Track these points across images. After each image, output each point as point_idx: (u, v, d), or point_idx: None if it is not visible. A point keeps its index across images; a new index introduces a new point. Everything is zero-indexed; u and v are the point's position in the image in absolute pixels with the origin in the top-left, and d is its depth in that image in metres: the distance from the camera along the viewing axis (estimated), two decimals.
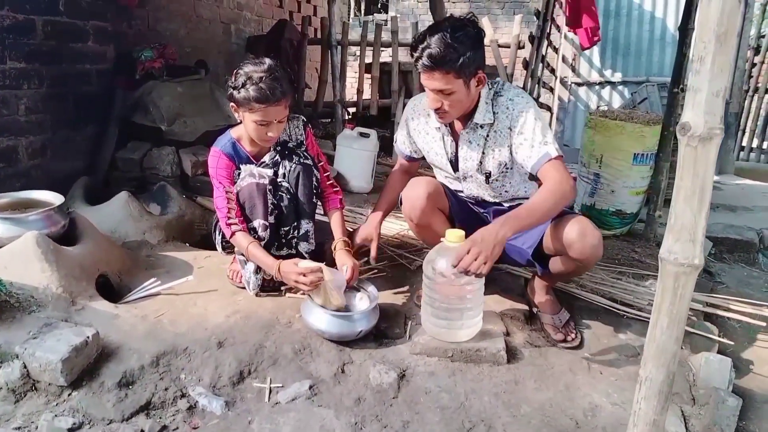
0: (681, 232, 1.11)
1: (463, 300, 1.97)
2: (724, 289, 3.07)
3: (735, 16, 1.03)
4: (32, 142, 3.17)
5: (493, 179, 2.14)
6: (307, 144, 2.36)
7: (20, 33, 3.01)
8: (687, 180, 1.10)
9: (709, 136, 1.06)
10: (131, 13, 3.94)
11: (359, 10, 15.85)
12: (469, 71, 1.89)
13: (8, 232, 2.11)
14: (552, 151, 1.93)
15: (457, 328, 2.00)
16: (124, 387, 1.70)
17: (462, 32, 1.87)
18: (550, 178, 1.92)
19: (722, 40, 1.03)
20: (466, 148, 2.12)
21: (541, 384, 1.92)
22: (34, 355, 1.63)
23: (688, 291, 1.14)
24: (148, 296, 2.20)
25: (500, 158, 2.08)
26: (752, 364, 2.32)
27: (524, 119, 1.97)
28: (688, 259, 1.11)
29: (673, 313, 1.14)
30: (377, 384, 1.83)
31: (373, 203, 3.74)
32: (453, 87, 1.89)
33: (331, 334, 1.99)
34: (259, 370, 1.86)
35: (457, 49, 1.84)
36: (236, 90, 2.06)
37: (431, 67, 1.86)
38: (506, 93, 2.04)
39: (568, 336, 2.18)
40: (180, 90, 3.73)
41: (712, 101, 1.05)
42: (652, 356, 1.17)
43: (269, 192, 2.19)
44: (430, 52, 1.85)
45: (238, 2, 5.65)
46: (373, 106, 5.81)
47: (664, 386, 1.17)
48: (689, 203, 1.10)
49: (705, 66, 1.05)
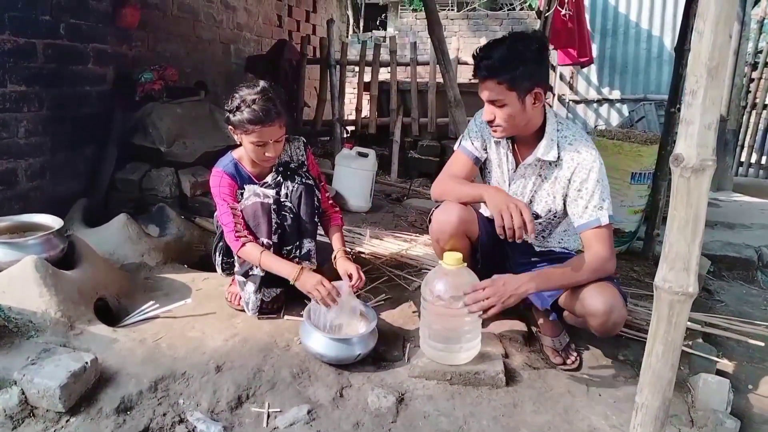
0: (675, 261, 1.13)
1: (461, 323, 1.98)
2: (723, 307, 3.08)
3: (726, 50, 1.05)
4: (31, 164, 3.20)
5: (538, 223, 2.11)
6: (308, 164, 2.39)
7: (21, 56, 3.06)
8: (681, 210, 1.12)
9: (701, 168, 1.08)
10: (131, 34, 3.99)
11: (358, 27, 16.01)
12: (524, 85, 1.86)
13: (7, 256, 2.12)
14: (604, 218, 1.90)
15: (456, 351, 2.01)
16: (122, 413, 1.70)
17: (522, 44, 1.87)
18: (594, 251, 1.91)
19: (713, 74, 1.06)
20: (521, 181, 2.09)
21: (539, 407, 1.92)
22: (32, 381, 1.64)
23: (683, 319, 1.15)
24: (147, 319, 2.20)
25: (552, 205, 2.06)
26: (751, 384, 2.33)
27: (587, 177, 1.93)
28: (683, 287, 1.13)
29: (668, 341, 1.15)
30: (376, 408, 1.83)
31: (372, 222, 3.78)
32: (505, 99, 1.87)
33: (330, 357, 2.00)
34: (257, 395, 1.86)
35: (512, 60, 1.83)
36: (232, 113, 2.11)
37: (485, 76, 1.87)
38: (576, 143, 1.97)
39: (568, 359, 2.18)
40: (179, 111, 3.77)
41: (704, 133, 1.08)
42: (648, 383, 1.19)
43: (273, 211, 2.22)
44: (487, 62, 1.86)
45: (238, 23, 5.72)
46: (371, 124, 5.86)
47: (660, 412, 1.18)
48: (683, 233, 1.12)
49: (697, 99, 1.07)
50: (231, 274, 2.39)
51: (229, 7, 5.52)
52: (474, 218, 2.14)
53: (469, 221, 2.11)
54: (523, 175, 2.08)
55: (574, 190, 1.96)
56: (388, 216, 4.06)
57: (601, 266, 1.90)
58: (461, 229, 2.09)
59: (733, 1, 1.01)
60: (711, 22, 1.03)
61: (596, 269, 1.90)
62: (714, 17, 1.02)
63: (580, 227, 1.96)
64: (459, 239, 2.11)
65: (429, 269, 2.81)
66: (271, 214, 2.21)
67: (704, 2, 1.04)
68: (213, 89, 4.80)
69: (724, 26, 1.02)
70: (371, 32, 14.26)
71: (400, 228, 3.71)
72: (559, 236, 2.18)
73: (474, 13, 11.60)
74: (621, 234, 3.44)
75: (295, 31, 7.20)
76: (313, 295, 2.09)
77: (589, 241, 1.93)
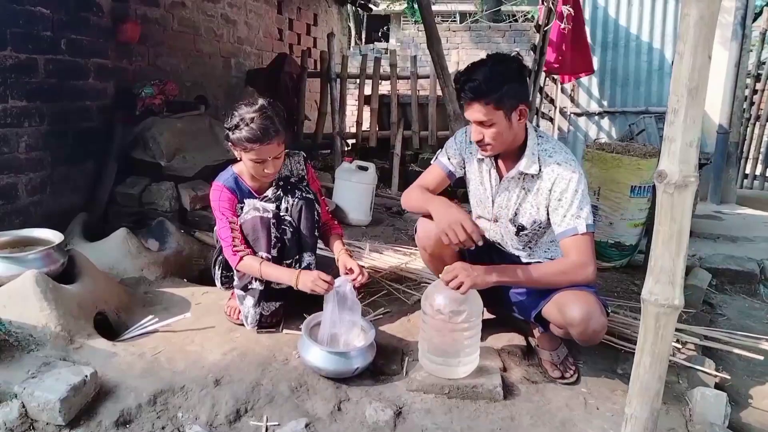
0: (660, 275, 1.18)
1: (460, 337, 2.02)
2: (725, 321, 3.10)
3: (705, 71, 1.11)
4: (32, 179, 3.27)
5: (524, 234, 2.20)
6: (308, 179, 2.46)
7: (22, 72, 3.14)
8: (665, 225, 1.17)
9: (684, 184, 1.14)
10: (132, 49, 4.08)
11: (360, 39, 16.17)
12: (510, 103, 1.96)
13: (8, 270, 2.18)
14: (581, 227, 1.98)
15: (455, 365, 2.05)
16: (121, 426, 1.75)
17: (503, 65, 1.97)
18: (571, 259, 1.98)
19: (694, 95, 1.12)
20: (505, 194, 2.17)
21: (537, 420, 1.95)
22: (32, 394, 1.69)
23: (669, 331, 1.20)
24: (146, 334, 2.25)
25: (536, 216, 2.13)
26: (751, 398, 2.36)
27: (566, 187, 2.02)
28: (668, 300, 1.18)
29: (656, 353, 1.20)
30: (373, 422, 1.87)
31: (372, 236, 3.83)
32: (493, 119, 1.96)
33: (328, 371, 2.04)
34: (256, 408, 1.90)
35: (497, 81, 1.92)
36: (231, 131, 2.19)
37: (472, 98, 1.95)
38: (555, 155, 2.07)
39: (566, 373, 2.21)
40: (179, 125, 3.84)
41: (686, 150, 1.13)
42: (636, 394, 1.23)
43: (273, 225, 2.28)
44: (472, 84, 1.94)
45: (238, 36, 5.81)
46: (372, 137, 5.92)
47: (648, 423, 1.22)
48: (667, 247, 1.17)
49: (679, 118, 1.13)
50: (230, 288, 2.45)
51: (230, 21, 5.62)
52: None
53: None
54: (507, 188, 2.16)
55: (555, 200, 2.04)
56: (389, 230, 4.12)
57: (572, 270, 1.97)
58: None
59: (712, 25, 1.07)
60: (690, 45, 1.09)
61: (567, 272, 1.97)
62: (693, 41, 1.08)
63: (559, 235, 2.03)
64: (445, 246, 2.16)
65: (428, 283, 2.85)
66: (270, 228, 2.27)
67: (684, 27, 1.10)
68: (213, 103, 4.88)
69: (703, 49, 1.08)
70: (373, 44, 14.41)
71: (400, 242, 3.76)
72: (546, 246, 2.25)
73: (476, 25, 11.72)
74: (622, 248, 3.49)
75: (295, 45, 7.30)
76: (315, 291, 2.15)
77: (567, 249, 2.01)
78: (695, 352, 2.46)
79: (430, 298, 2.04)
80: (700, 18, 1.07)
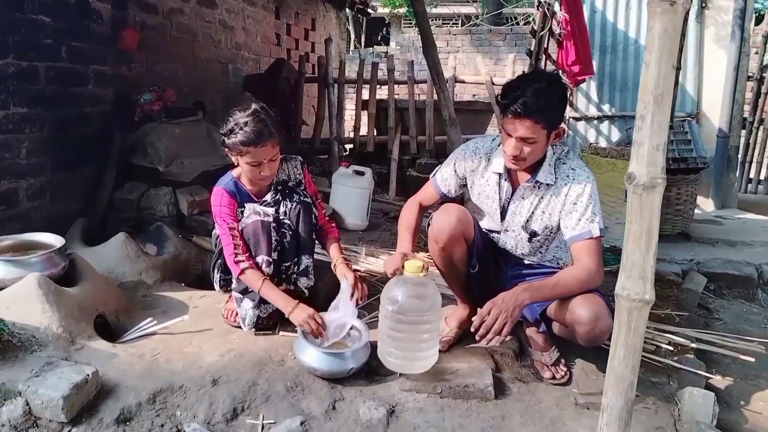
0: (632, 270, 1.28)
1: (418, 331, 2.09)
2: (721, 325, 3.16)
3: (670, 79, 1.22)
4: (32, 184, 3.38)
5: (536, 240, 2.30)
6: (305, 183, 2.58)
7: (24, 79, 3.26)
8: (635, 224, 1.27)
9: (652, 185, 1.24)
10: (130, 56, 4.20)
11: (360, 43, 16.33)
12: (555, 124, 2.08)
13: (10, 273, 2.29)
14: (595, 230, 2.09)
15: (411, 359, 2.12)
16: (122, 423, 1.84)
17: (556, 86, 2.09)
18: (583, 264, 2.08)
19: (659, 101, 1.22)
20: (519, 202, 2.28)
21: (527, 419, 2.04)
22: (36, 392, 1.78)
23: (642, 324, 1.30)
24: (145, 336, 2.35)
25: (549, 222, 2.24)
26: (743, 400, 2.43)
27: (582, 191, 2.14)
28: (639, 294, 1.28)
29: (629, 345, 1.30)
30: (367, 420, 1.96)
31: (368, 241, 3.93)
32: (537, 137, 2.06)
33: (323, 371, 2.13)
34: (252, 407, 2.00)
35: (551, 101, 2.03)
36: (226, 136, 2.32)
37: (523, 114, 2.02)
38: (569, 162, 2.20)
39: (557, 373, 2.30)
40: (178, 131, 3.96)
41: (653, 154, 1.24)
42: (611, 385, 1.33)
43: (273, 229, 2.39)
44: (525, 100, 2.00)
45: (236, 42, 5.94)
46: (370, 142, 6.02)
47: (623, 412, 1.32)
48: (638, 244, 1.27)
49: (646, 123, 1.23)
50: (228, 291, 2.55)
51: (228, 26, 5.74)
52: (471, 221, 2.32)
53: (466, 222, 2.29)
54: (522, 196, 2.26)
55: (570, 204, 2.15)
56: (385, 234, 4.21)
57: (589, 278, 2.07)
58: (459, 230, 2.27)
59: (675, 38, 1.18)
60: (655, 56, 1.19)
61: (584, 281, 2.07)
62: (658, 51, 1.19)
63: (572, 239, 2.13)
64: (456, 241, 2.28)
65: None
66: (270, 232, 2.38)
67: (650, 38, 1.21)
68: (211, 109, 4.99)
69: (667, 59, 1.19)
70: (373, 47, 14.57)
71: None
72: (553, 251, 2.37)
73: (476, 29, 11.87)
74: (617, 252, 3.57)
75: (293, 50, 7.43)
76: (303, 327, 2.25)
77: (579, 253, 2.11)
78: (692, 355, 2.54)
79: (390, 292, 2.11)
80: (663, 31, 1.18)
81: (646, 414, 2.12)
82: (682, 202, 4.46)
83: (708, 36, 6.07)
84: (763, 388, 2.52)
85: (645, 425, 2.04)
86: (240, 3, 5.97)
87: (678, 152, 4.50)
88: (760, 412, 2.35)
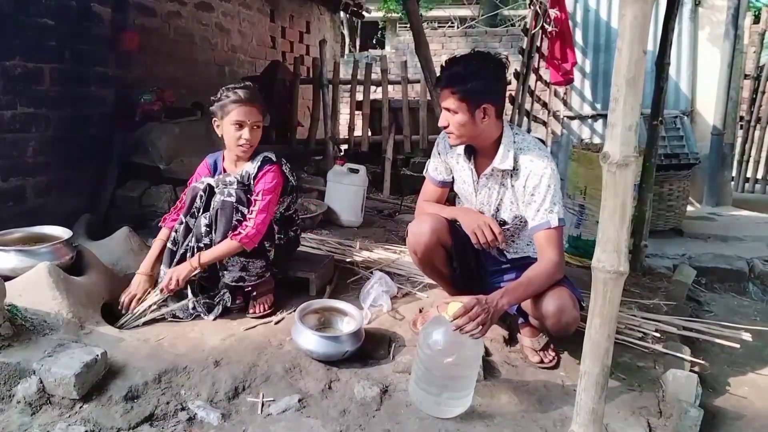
0: (607, 244, 1.40)
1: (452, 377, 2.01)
2: (711, 317, 3.25)
3: (641, 64, 1.34)
4: (38, 182, 3.51)
5: (506, 228, 2.37)
6: (258, 178, 2.55)
7: (30, 80, 3.40)
8: (610, 200, 1.39)
9: (625, 163, 1.36)
10: (131, 58, 4.34)
11: (354, 46, 16.49)
12: (475, 99, 2.13)
13: (22, 263, 2.41)
14: (554, 221, 2.14)
15: (443, 405, 2.02)
16: (129, 400, 1.96)
17: (479, 61, 2.19)
18: (547, 257, 2.15)
19: (631, 84, 1.34)
20: (486, 191, 2.36)
21: (515, 398, 2.15)
22: (49, 370, 1.90)
23: (617, 294, 1.42)
24: (149, 323, 2.47)
25: (517, 211, 2.31)
26: (729, 385, 2.55)
27: (539, 182, 2.17)
28: (614, 266, 1.40)
29: (604, 314, 1.42)
30: (361, 398, 2.08)
31: (363, 237, 4.03)
32: (457, 108, 2.15)
33: (319, 354, 2.25)
34: (253, 387, 2.12)
35: (469, 74, 2.13)
36: (215, 102, 2.54)
37: (444, 84, 2.17)
38: (530, 151, 2.22)
39: (545, 358, 2.40)
40: (177, 131, 4.09)
41: (626, 134, 1.36)
42: (588, 352, 1.45)
43: (199, 198, 2.57)
44: (445, 72, 2.17)
45: (232, 45, 6.07)
46: (364, 142, 6.14)
47: (600, 378, 1.44)
48: (612, 220, 1.39)
49: (619, 105, 1.36)
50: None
51: (224, 29, 5.88)
52: (445, 227, 2.38)
53: (440, 230, 2.36)
54: (486, 185, 2.34)
55: (528, 195, 2.21)
56: (380, 231, 4.31)
57: (555, 270, 2.15)
58: (434, 238, 2.34)
59: (645, 25, 1.30)
60: (627, 42, 1.32)
61: (551, 274, 2.15)
62: (629, 37, 1.31)
63: (532, 229, 2.21)
64: (434, 249, 2.37)
65: (417, 278, 3.07)
66: (195, 198, 2.57)
67: (621, 26, 1.33)
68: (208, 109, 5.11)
69: (638, 45, 1.31)
70: (368, 51, 14.72)
71: (391, 241, 3.96)
72: (528, 238, 2.41)
73: (472, 30, 12.02)
74: None
75: (288, 52, 7.57)
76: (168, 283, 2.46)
77: (541, 244, 2.18)
78: (677, 342, 2.63)
79: (429, 333, 2.02)
80: (634, 18, 1.30)
81: (632, 395, 2.22)
82: (674, 198, 4.57)
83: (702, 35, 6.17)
84: (749, 374, 2.64)
85: (630, 405, 2.15)
86: (236, 6, 6.12)
87: (670, 148, 4.59)
88: (745, 396, 2.46)
